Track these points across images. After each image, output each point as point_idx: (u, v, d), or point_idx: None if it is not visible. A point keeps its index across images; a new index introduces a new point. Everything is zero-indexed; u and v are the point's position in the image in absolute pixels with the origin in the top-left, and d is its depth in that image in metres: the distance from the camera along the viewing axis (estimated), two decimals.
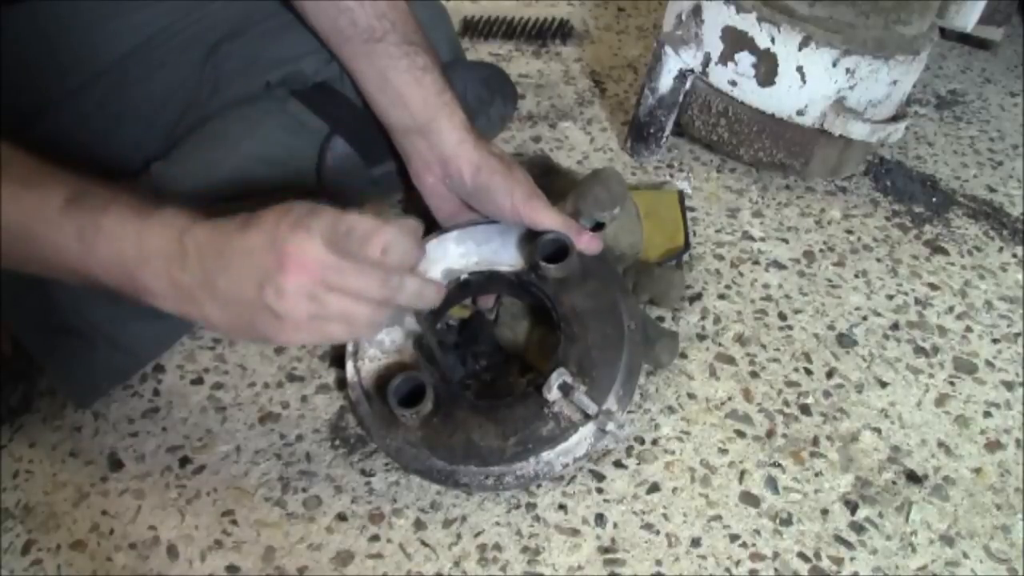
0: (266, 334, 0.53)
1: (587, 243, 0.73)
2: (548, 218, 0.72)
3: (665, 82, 1.00)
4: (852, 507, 0.71)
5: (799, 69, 0.92)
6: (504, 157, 0.72)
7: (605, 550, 0.66)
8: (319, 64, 0.75)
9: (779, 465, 0.74)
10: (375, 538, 0.65)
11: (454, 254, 0.75)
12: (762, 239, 0.97)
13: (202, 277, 0.52)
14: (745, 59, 0.94)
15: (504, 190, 0.71)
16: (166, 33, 0.72)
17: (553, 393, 0.66)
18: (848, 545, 0.69)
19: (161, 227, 0.52)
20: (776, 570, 0.66)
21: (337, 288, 0.52)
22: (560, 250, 0.72)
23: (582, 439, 0.67)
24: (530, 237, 0.74)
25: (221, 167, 0.70)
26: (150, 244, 0.52)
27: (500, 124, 0.92)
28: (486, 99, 0.86)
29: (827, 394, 0.80)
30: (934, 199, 1.08)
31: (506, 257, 0.75)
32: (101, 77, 0.70)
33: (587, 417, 0.67)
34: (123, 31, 0.71)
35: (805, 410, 0.79)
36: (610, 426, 0.66)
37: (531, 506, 0.68)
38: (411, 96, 0.71)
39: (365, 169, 0.75)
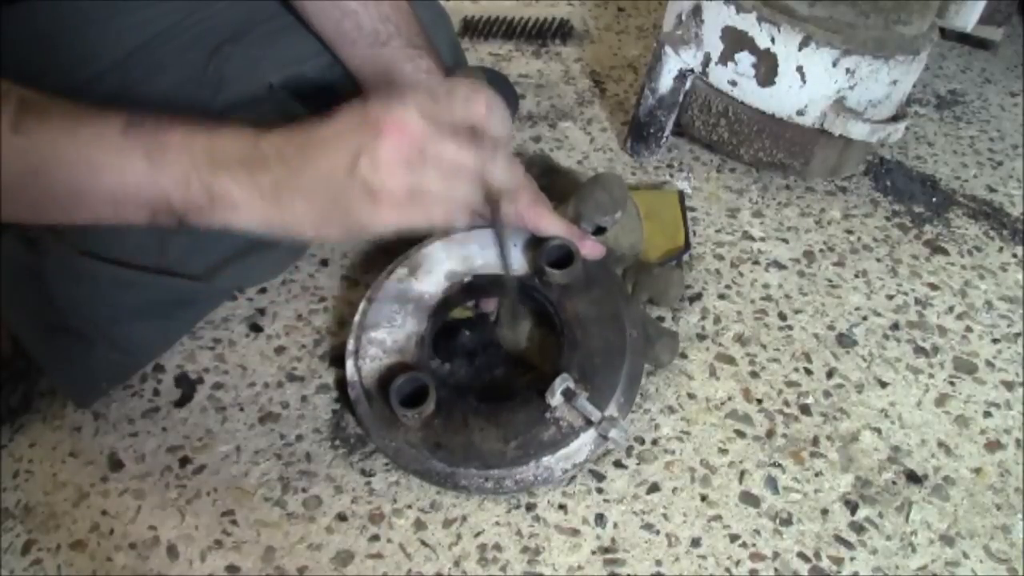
0: (361, 217, 0.51)
1: (590, 249, 0.73)
2: (551, 224, 0.72)
3: (665, 82, 1.00)
4: (852, 507, 0.71)
5: (799, 69, 0.92)
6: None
7: (605, 550, 0.66)
8: (322, 67, 0.75)
9: (779, 465, 0.74)
10: (375, 538, 0.65)
11: (458, 257, 0.75)
12: (762, 239, 0.97)
13: (286, 173, 0.51)
14: (745, 59, 0.94)
15: (508, 195, 0.71)
16: (168, 33, 0.72)
17: (556, 398, 0.66)
18: (848, 545, 0.69)
19: (233, 137, 0.51)
20: (776, 570, 0.66)
21: (435, 156, 0.50)
22: (565, 256, 0.72)
23: (583, 445, 0.67)
24: (534, 242, 0.74)
25: None
26: (225, 152, 0.51)
27: None
28: None
29: (827, 394, 0.80)
30: (934, 199, 1.08)
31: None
32: (103, 77, 0.70)
33: (589, 423, 0.67)
34: (125, 31, 0.71)
35: (805, 410, 0.79)
36: (612, 432, 0.66)
37: (531, 506, 0.68)
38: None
39: None
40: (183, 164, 0.50)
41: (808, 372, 0.82)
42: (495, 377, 0.77)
